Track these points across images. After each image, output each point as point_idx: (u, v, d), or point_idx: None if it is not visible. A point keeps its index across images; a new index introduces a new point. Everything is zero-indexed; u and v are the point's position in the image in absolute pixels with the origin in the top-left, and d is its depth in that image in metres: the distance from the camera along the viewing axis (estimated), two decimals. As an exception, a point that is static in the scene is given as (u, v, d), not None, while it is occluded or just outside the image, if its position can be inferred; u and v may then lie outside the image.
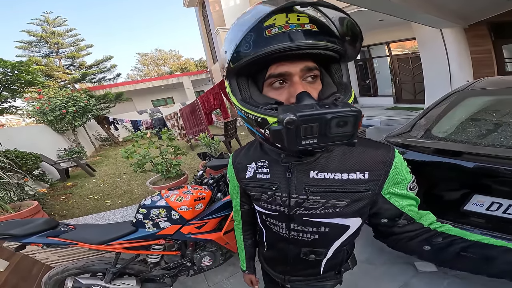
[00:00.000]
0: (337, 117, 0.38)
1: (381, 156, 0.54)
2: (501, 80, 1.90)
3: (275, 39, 0.43)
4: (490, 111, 1.58)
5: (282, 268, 0.75)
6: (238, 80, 0.51)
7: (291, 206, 0.59)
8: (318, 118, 0.38)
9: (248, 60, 0.45)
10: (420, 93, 7.18)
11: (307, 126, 0.39)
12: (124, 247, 1.34)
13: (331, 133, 0.39)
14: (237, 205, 0.79)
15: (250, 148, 0.69)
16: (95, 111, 8.35)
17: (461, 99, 1.73)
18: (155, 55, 31.61)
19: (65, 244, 1.26)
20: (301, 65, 0.47)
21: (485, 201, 1.15)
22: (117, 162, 6.65)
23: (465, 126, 1.50)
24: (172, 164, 2.68)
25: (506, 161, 1.09)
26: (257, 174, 0.64)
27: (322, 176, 0.55)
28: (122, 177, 4.92)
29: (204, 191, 1.45)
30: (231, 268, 1.83)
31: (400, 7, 3.61)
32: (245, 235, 0.86)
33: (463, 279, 1.43)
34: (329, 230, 0.59)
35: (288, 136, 0.40)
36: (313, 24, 0.44)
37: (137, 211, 1.38)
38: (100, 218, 2.37)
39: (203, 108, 3.96)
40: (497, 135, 1.33)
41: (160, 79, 16.04)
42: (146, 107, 14.88)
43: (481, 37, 5.66)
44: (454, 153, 1.26)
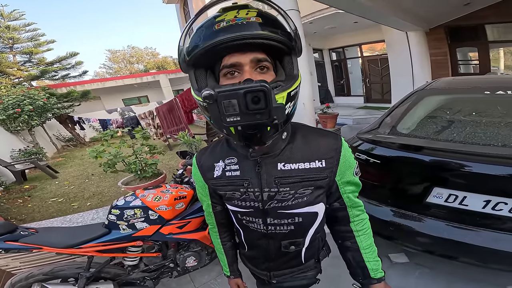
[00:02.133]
0: (249, 91, 0.40)
1: (332, 144, 0.60)
2: (454, 80, 2.10)
3: (222, 31, 0.46)
4: (444, 109, 1.73)
5: (266, 265, 0.76)
6: (195, 72, 0.54)
7: (264, 200, 0.60)
8: (233, 93, 0.41)
9: (199, 50, 0.48)
10: (387, 93, 7.69)
11: (227, 103, 0.41)
12: (96, 250, 1.27)
13: (249, 109, 0.41)
14: (208, 207, 0.75)
15: (216, 146, 0.69)
16: (56, 110, 7.86)
17: (420, 98, 1.88)
18: (127, 52, 30.28)
19: (26, 249, 1.17)
20: (250, 56, 0.49)
21: (444, 193, 1.24)
22: (84, 163, 6.30)
23: (425, 123, 1.62)
24: (148, 164, 2.58)
25: (458, 155, 1.21)
26: (226, 172, 0.63)
27: (289, 167, 0.58)
28: (91, 179, 4.66)
29: (185, 190, 1.42)
30: (218, 268, 1.79)
31: (373, 10, 3.85)
32: (223, 238, 0.82)
33: (431, 269, 1.56)
34: (302, 220, 0.62)
35: (213, 113, 0.43)
36: (259, 17, 0.48)
37: (109, 212, 1.32)
38: (66, 221, 2.21)
39: (182, 106, 3.85)
40: (451, 131, 1.47)
41: (133, 77, 15.38)
42: (116, 106, 14.09)
43: (439, 40, 6.21)
44: (416, 148, 1.34)
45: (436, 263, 1.59)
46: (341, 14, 5.11)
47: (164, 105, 4.52)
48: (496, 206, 1.11)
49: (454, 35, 6.19)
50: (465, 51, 6.43)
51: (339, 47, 8.80)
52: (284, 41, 0.50)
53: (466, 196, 1.18)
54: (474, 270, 1.48)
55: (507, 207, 1.09)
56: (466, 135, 1.38)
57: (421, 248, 1.36)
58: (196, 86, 0.53)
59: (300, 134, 0.62)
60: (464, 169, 1.18)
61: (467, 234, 1.19)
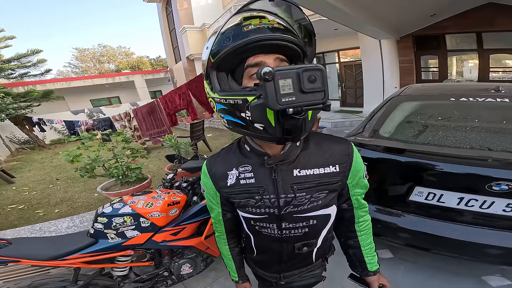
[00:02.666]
0: (307, 69, 0.40)
1: (345, 150, 0.64)
2: (423, 87, 2.26)
3: (252, 31, 0.50)
4: (419, 114, 1.88)
5: (277, 268, 0.77)
6: (218, 75, 0.55)
7: (280, 206, 0.61)
8: (291, 71, 0.40)
9: (229, 50, 0.50)
10: (360, 97, 8.16)
11: (283, 81, 0.40)
12: (83, 262, 1.19)
13: (305, 88, 0.40)
14: (218, 215, 0.74)
15: (227, 154, 0.68)
16: (12, 111, 7.28)
17: (397, 103, 2.02)
18: (98, 50, 28.56)
19: (1, 262, 1.07)
20: (273, 56, 0.53)
21: (424, 191, 1.34)
22: (45, 167, 5.85)
23: (403, 127, 1.74)
24: (131, 168, 2.45)
25: (434, 156, 1.33)
26: (241, 180, 0.63)
27: (304, 173, 0.61)
28: (55, 184, 4.33)
29: (178, 195, 1.39)
30: (213, 274, 1.75)
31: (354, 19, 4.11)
32: (231, 244, 0.81)
33: (414, 263, 1.68)
34: (316, 222, 0.65)
35: (269, 93, 0.40)
36: (281, 24, 0.54)
37: (94, 221, 1.25)
38: (36, 231, 2.06)
39: (165, 108, 3.70)
40: (426, 134, 1.62)
41: (104, 76, 14.68)
42: (83, 107, 13.31)
43: (407, 48, 6.75)
44: (398, 150, 1.45)
45: (418, 257, 1.72)
46: (325, 21, 5.33)
47: (143, 107, 4.31)
48: (469, 202, 1.24)
49: (419, 43, 6.78)
50: (426, 59, 7.08)
51: (320, 52, 9.17)
52: (303, 47, 0.55)
53: (443, 194, 1.30)
54: (452, 263, 1.63)
55: (478, 203, 1.22)
56: (439, 138, 1.52)
57: (405, 243, 1.46)
58: (219, 88, 0.54)
59: (312, 141, 0.64)
60: (439, 169, 1.30)
61: (445, 228, 1.31)
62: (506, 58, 6.27)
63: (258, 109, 0.46)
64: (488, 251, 1.23)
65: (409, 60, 6.82)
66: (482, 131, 1.51)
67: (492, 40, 6.10)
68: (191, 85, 3.13)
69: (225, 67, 0.55)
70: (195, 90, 3.16)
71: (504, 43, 5.98)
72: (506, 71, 6.31)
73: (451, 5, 5.34)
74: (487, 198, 1.21)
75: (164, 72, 15.55)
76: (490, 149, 1.34)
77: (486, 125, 1.55)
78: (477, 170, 1.22)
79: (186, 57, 11.55)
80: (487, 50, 6.24)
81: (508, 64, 6.28)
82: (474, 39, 6.25)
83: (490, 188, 1.16)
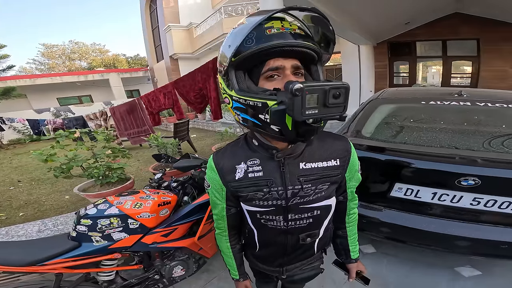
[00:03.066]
0: (333, 88, 0.45)
1: (345, 146, 0.70)
2: (398, 91, 2.42)
3: (275, 36, 0.52)
4: (395, 115, 2.02)
5: (280, 261, 0.79)
6: (236, 73, 0.57)
7: (288, 197, 0.65)
8: (319, 88, 0.45)
9: (252, 52, 0.52)
10: (339, 100, 8.53)
11: (310, 96, 0.44)
12: (65, 267, 1.12)
13: (329, 103, 0.45)
14: (222, 211, 0.74)
15: (234, 149, 0.70)
16: None
17: (376, 106, 2.14)
18: (68, 47, 27.05)
19: None
20: (292, 62, 0.56)
21: (403, 187, 1.44)
22: (3, 168, 5.51)
23: (382, 128, 1.86)
24: (113, 168, 2.34)
25: (410, 154, 1.44)
26: (249, 174, 0.65)
27: (310, 166, 0.65)
28: (17, 186, 4.05)
29: (168, 195, 1.35)
30: (205, 276, 1.72)
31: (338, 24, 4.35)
32: (232, 241, 0.82)
33: (396, 257, 1.80)
34: (320, 212, 0.70)
35: (296, 106, 0.45)
36: (301, 30, 0.56)
37: (77, 223, 1.18)
38: (2, 235, 1.91)
39: (148, 107, 3.56)
40: (403, 134, 1.75)
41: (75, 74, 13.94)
42: (48, 106, 12.59)
43: (382, 54, 7.19)
44: (378, 149, 1.54)
45: (398, 251, 1.84)
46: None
47: (122, 106, 4.12)
48: (441, 197, 1.36)
49: (393, 50, 7.24)
50: (398, 65, 7.58)
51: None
52: (320, 52, 0.58)
53: (419, 190, 1.41)
54: (429, 256, 1.77)
55: (449, 197, 1.34)
56: (414, 138, 1.64)
57: (386, 236, 1.55)
58: (237, 87, 0.57)
59: (316, 137, 0.67)
60: (415, 167, 1.40)
61: (422, 221, 1.41)
62: (464, 65, 6.90)
63: (277, 114, 0.49)
64: (459, 242, 1.35)
65: (383, 65, 7.26)
66: (449, 131, 1.65)
67: (454, 48, 6.71)
68: (178, 84, 3.05)
69: (243, 67, 0.57)
70: (182, 89, 3.08)
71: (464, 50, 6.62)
72: (464, 76, 6.92)
73: (423, 13, 5.79)
74: (456, 193, 1.32)
75: (143, 71, 15.05)
76: (456, 147, 1.47)
77: (452, 126, 1.70)
78: (447, 167, 1.33)
79: (169, 56, 11.28)
80: (450, 57, 6.85)
81: (466, 70, 6.90)
82: (440, 46, 6.83)
83: (459, 184, 1.27)
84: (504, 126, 1.58)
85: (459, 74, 7.00)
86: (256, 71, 0.58)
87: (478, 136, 1.54)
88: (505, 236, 1.28)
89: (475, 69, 6.57)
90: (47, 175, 4.51)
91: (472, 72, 6.69)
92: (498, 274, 1.60)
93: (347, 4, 4.03)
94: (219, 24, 8.92)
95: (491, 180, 1.23)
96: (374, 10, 4.67)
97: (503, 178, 1.23)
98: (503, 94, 1.96)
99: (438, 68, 7.22)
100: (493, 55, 6.16)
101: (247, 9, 8.97)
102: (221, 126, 7.71)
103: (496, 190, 1.26)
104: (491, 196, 1.27)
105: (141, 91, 15.54)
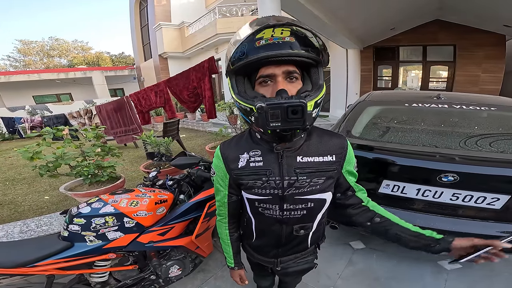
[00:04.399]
0: (290, 106, 0.54)
1: (341, 143, 0.74)
2: (383, 93, 2.52)
3: (262, 48, 0.57)
4: (381, 117, 2.12)
5: (275, 252, 0.83)
6: (236, 78, 0.65)
7: (284, 187, 0.70)
8: (278, 106, 0.54)
9: (242, 63, 0.59)
10: (327, 102, 8.74)
11: (272, 112, 0.54)
12: (58, 268, 1.09)
13: (288, 118, 0.54)
14: (224, 197, 0.80)
15: (239, 140, 0.76)
16: None
17: (364, 107, 2.24)
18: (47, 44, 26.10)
19: None
20: (283, 69, 0.60)
21: (390, 184, 1.51)
22: None
23: (370, 128, 1.95)
24: (103, 166, 2.27)
25: (396, 153, 1.53)
26: (251, 163, 0.71)
27: (306, 160, 0.70)
28: None
29: (164, 193, 1.35)
30: (201, 276, 1.71)
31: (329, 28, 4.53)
32: (231, 228, 0.87)
33: (383, 251, 1.89)
34: (313, 205, 0.74)
35: (261, 119, 0.57)
36: (292, 37, 0.57)
37: (69, 222, 1.15)
38: None
39: (137, 106, 3.47)
40: (389, 134, 1.85)
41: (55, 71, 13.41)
42: (23, 103, 12.16)
43: (368, 58, 7.45)
44: (368, 148, 1.62)
45: (386, 247, 1.93)
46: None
47: (109, 104, 4.00)
48: (425, 193, 1.45)
49: (378, 54, 7.54)
50: (381, 69, 7.90)
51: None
52: (312, 57, 0.60)
53: (405, 186, 1.49)
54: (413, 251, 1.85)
55: (431, 193, 1.44)
56: (399, 137, 1.74)
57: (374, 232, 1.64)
58: (236, 91, 0.65)
59: (315, 133, 0.74)
60: (400, 164, 1.49)
61: (408, 217, 1.45)
62: (441, 70, 7.32)
63: (258, 120, 0.59)
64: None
65: (368, 69, 7.54)
66: (430, 131, 1.76)
67: (433, 53, 7.11)
68: (171, 82, 3.01)
69: (241, 73, 0.65)
70: (175, 88, 3.04)
71: (442, 56, 7.03)
72: (440, 81, 7.34)
73: (408, 19, 6.07)
74: (438, 189, 1.41)
75: (129, 70, 14.69)
76: (436, 146, 1.58)
77: (432, 127, 1.82)
78: (429, 164, 1.42)
79: (158, 54, 11.07)
80: (429, 62, 7.24)
81: (442, 75, 7.31)
82: (420, 51, 7.20)
83: (440, 180, 1.36)
84: (476, 128, 1.70)
85: (436, 78, 7.42)
86: (253, 76, 0.65)
87: (455, 136, 1.65)
88: (483, 229, 1.38)
89: (451, 74, 7.00)
90: (22, 175, 4.34)
91: (448, 77, 7.12)
92: (477, 267, 1.70)
93: (338, 9, 4.20)
94: (213, 24, 8.86)
95: (467, 176, 1.33)
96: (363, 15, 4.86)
97: (477, 175, 1.33)
98: (476, 97, 2.11)
99: (417, 72, 7.61)
100: (467, 61, 6.59)
101: (242, 10, 8.96)
102: (212, 127, 7.65)
103: (472, 186, 1.36)
104: (468, 191, 1.37)
105: (126, 90, 15.25)
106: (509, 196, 1.31)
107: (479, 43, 6.31)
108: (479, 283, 1.58)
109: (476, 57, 6.45)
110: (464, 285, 1.58)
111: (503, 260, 0.60)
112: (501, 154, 1.44)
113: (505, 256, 0.60)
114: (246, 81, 0.66)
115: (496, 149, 1.48)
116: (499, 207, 1.34)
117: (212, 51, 9.74)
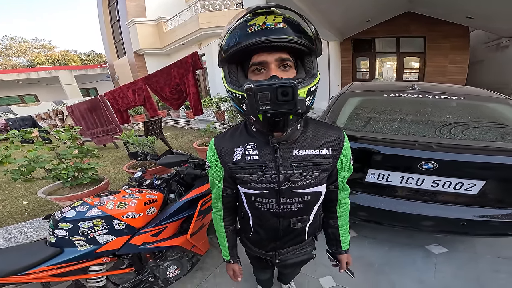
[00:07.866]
0: (280, 86, 0.50)
1: (338, 136, 0.72)
2: (362, 85, 2.58)
3: (254, 34, 0.55)
4: (363, 107, 2.17)
5: (273, 245, 0.84)
6: (228, 67, 0.63)
7: (280, 181, 0.69)
8: (268, 87, 0.50)
9: (234, 50, 0.57)
10: (311, 94, 8.91)
11: (262, 94, 0.50)
12: (52, 275, 1.04)
13: (278, 100, 0.50)
14: (219, 190, 0.79)
15: (234, 133, 0.74)
16: None
17: (346, 98, 2.29)
18: (2, 43, 24.64)
19: None
20: (275, 56, 0.59)
21: (375, 173, 1.54)
22: None
23: (353, 118, 2.00)
24: (83, 168, 2.14)
25: (379, 142, 1.57)
26: (246, 157, 0.70)
27: (302, 153, 0.69)
28: None
29: (153, 193, 1.31)
30: (200, 274, 1.69)
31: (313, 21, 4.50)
32: (226, 221, 0.86)
33: (374, 239, 1.96)
34: (310, 198, 0.74)
35: (250, 102, 0.53)
36: (285, 23, 0.56)
37: (54, 227, 1.10)
38: None
39: (114, 105, 3.26)
40: (371, 124, 1.89)
41: (15, 71, 12.53)
42: None
43: (347, 50, 7.61)
44: (352, 138, 1.62)
45: (376, 234, 2.02)
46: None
47: (82, 104, 3.73)
48: (408, 180, 1.50)
49: (356, 46, 7.73)
50: (359, 60, 8.12)
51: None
52: (305, 44, 0.59)
53: (390, 174, 1.54)
54: (402, 237, 1.96)
55: (414, 180, 1.49)
56: (380, 127, 1.80)
57: (364, 219, 1.68)
58: (229, 80, 0.63)
59: (311, 126, 0.73)
60: (383, 153, 1.53)
61: (395, 203, 1.56)
62: (413, 61, 7.65)
63: (249, 107, 0.56)
64: (425, 222, 1.50)
65: (348, 61, 7.72)
66: (408, 121, 1.83)
67: (406, 45, 7.44)
68: (150, 80, 2.85)
69: (234, 61, 0.63)
70: (155, 85, 2.89)
71: (413, 47, 7.38)
72: (412, 72, 7.70)
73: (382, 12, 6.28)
74: (419, 176, 1.45)
75: (101, 68, 13.92)
76: (415, 135, 1.64)
77: (410, 116, 1.89)
78: (409, 152, 1.48)
79: (133, 52, 10.50)
80: (403, 53, 7.58)
81: (414, 66, 7.66)
82: (394, 43, 7.50)
83: (421, 167, 1.39)
84: (448, 117, 1.79)
85: (409, 69, 7.78)
86: (246, 64, 0.63)
87: (431, 125, 1.73)
88: (463, 214, 1.45)
89: (422, 65, 7.37)
90: (-5, 181, 4.00)
91: (420, 68, 7.50)
92: (461, 250, 1.80)
93: (321, 3, 4.24)
94: (195, 19, 8.44)
95: (445, 163, 1.39)
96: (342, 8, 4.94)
97: (453, 162, 1.40)
98: (445, 87, 2.22)
99: (392, 63, 7.94)
100: (436, 52, 6.98)
101: (226, 3, 8.64)
102: (198, 123, 7.45)
103: (450, 173, 1.41)
104: (446, 178, 1.42)
105: (100, 89, 14.54)
106: (484, 182, 1.37)
107: (446, 35, 6.68)
108: (467, 264, 1.67)
109: (444, 48, 6.83)
110: (452, 267, 1.66)
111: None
112: (473, 141, 1.51)
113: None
114: (239, 71, 0.64)
115: (468, 137, 1.56)
116: (475, 193, 1.41)
117: (195, 46, 9.35)
